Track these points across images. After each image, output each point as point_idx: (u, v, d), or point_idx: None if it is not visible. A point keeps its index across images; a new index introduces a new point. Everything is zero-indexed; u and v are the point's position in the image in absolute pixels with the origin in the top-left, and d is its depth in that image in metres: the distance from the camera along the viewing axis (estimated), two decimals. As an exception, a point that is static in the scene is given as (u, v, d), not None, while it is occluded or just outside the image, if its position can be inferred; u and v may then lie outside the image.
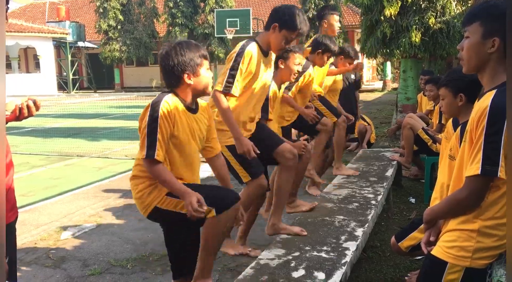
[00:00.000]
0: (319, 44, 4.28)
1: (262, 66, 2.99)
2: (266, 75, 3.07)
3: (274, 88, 3.56)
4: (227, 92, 2.83)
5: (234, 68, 2.85)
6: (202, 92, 2.41)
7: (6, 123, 1.94)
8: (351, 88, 6.53)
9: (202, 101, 2.56)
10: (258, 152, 2.87)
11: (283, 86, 3.75)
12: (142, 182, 2.39)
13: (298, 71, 3.64)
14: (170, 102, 2.27)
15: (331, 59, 4.77)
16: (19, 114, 1.94)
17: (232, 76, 2.83)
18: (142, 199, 2.40)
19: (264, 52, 2.99)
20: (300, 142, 3.46)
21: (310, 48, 4.34)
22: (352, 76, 6.76)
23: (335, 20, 4.69)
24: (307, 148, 3.46)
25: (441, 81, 2.69)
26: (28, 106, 1.94)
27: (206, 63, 2.36)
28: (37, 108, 1.98)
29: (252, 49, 2.88)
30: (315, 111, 4.27)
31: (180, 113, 2.30)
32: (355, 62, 5.22)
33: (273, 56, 3.17)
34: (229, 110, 2.85)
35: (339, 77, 5.34)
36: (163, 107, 2.23)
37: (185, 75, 2.29)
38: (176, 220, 2.40)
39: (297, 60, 3.57)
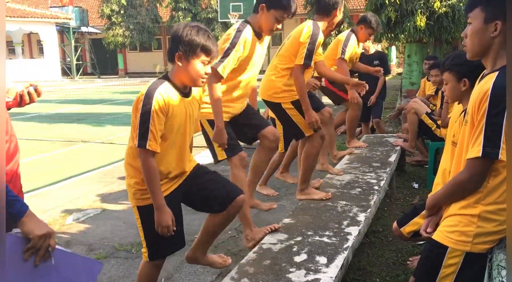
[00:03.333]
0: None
1: (256, 50, 3.01)
2: (259, 57, 3.08)
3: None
4: (215, 68, 2.80)
5: (228, 50, 2.85)
6: (190, 82, 2.28)
7: (9, 109, 1.94)
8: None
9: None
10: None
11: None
12: (133, 175, 2.33)
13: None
14: (164, 94, 2.17)
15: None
16: (20, 101, 1.94)
17: (225, 56, 2.84)
18: (130, 190, 2.38)
19: (258, 35, 2.99)
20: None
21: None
22: (376, 62, 6.74)
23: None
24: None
25: (445, 66, 2.67)
26: (29, 93, 1.94)
27: (203, 58, 2.22)
28: (38, 94, 1.97)
29: (247, 33, 2.89)
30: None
31: (174, 102, 2.23)
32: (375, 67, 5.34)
33: (266, 39, 3.12)
34: (220, 101, 2.86)
35: (356, 49, 5.21)
36: (157, 100, 2.14)
37: (177, 54, 2.20)
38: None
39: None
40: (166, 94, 2.20)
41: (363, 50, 6.48)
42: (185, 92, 2.32)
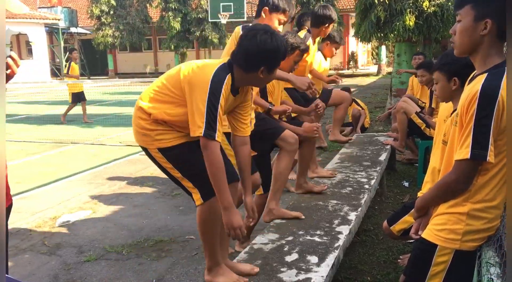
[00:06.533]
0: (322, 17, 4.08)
1: None
2: None
3: None
4: None
5: None
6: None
7: None
8: None
9: None
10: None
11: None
12: (150, 124, 2.24)
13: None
14: (228, 85, 2.14)
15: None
16: None
17: None
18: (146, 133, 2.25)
19: None
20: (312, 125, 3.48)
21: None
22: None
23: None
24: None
25: (435, 65, 2.69)
26: (8, 64, 1.74)
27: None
28: (17, 64, 1.77)
29: None
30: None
31: (228, 96, 2.19)
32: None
33: None
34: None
35: (324, 65, 5.27)
36: (224, 89, 2.10)
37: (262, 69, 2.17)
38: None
39: (297, 58, 3.46)
40: (228, 86, 2.14)
41: None
42: (235, 89, 2.25)
